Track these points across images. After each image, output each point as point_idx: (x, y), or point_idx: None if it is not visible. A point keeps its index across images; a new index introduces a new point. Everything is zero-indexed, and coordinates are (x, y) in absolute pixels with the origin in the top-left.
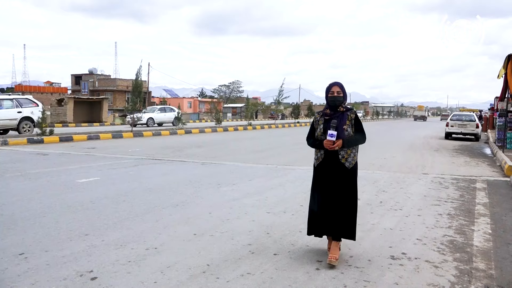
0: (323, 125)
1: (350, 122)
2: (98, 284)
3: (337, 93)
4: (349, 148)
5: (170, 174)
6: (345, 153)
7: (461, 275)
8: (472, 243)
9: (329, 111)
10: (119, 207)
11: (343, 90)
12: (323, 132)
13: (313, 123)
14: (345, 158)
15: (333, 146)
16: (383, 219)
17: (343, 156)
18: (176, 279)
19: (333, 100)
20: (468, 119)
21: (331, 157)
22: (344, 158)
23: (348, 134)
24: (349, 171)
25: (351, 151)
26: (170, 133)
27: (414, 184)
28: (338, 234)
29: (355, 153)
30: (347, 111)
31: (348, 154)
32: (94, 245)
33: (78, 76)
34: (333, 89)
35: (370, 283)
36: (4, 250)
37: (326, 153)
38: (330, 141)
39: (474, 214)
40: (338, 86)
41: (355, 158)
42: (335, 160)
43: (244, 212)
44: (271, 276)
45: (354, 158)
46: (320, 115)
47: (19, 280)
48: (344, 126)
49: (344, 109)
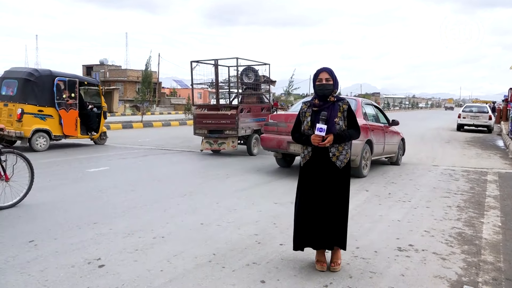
0: (311, 117)
1: (342, 114)
2: (105, 271)
3: (326, 80)
4: (340, 145)
5: (178, 164)
6: (336, 150)
7: (468, 268)
8: (481, 235)
9: (317, 101)
10: (128, 196)
11: (333, 77)
12: (311, 126)
13: (299, 115)
14: (336, 156)
15: (323, 143)
16: (391, 210)
17: (334, 153)
18: (183, 268)
19: (321, 89)
20: (481, 110)
21: (320, 154)
22: (335, 156)
23: (340, 128)
24: (341, 171)
25: (342, 147)
26: (179, 124)
27: (423, 175)
28: (331, 243)
29: (347, 150)
30: (338, 101)
31: (339, 152)
32: (102, 233)
33: (89, 66)
34: (321, 76)
35: (376, 274)
36: (14, 237)
37: (314, 150)
38: (318, 136)
39: (484, 206)
40: (327, 72)
41: (347, 156)
42: (324, 158)
43: (251, 202)
44: (276, 266)
45: (347, 156)
46: (308, 105)
47: (29, 266)
48: (335, 119)
49: (335, 99)
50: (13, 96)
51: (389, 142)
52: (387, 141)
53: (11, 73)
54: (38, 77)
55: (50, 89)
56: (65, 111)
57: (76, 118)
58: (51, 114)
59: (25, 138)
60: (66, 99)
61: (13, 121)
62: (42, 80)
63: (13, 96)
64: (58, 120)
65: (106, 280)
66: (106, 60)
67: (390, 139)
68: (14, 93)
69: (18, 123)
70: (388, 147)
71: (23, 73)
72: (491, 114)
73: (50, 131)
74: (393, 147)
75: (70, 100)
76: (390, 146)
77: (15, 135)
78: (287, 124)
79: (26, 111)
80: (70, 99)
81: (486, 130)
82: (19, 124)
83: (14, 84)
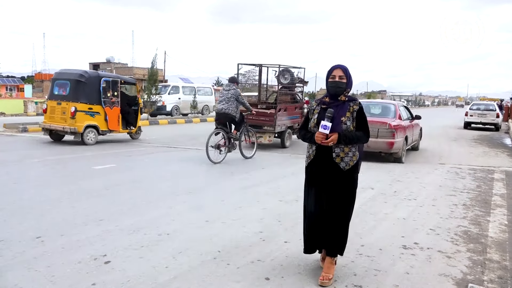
0: (318, 114)
1: (351, 114)
2: (111, 267)
3: (339, 78)
4: (346, 145)
5: (184, 161)
6: (340, 150)
7: (474, 266)
8: (487, 234)
9: (328, 99)
10: (134, 193)
11: (347, 75)
12: (317, 123)
13: (308, 113)
14: (340, 157)
15: (326, 141)
16: (396, 208)
17: (338, 154)
18: (188, 264)
19: (334, 86)
20: (488, 108)
21: (324, 154)
22: (339, 157)
23: (347, 129)
24: (345, 174)
25: (349, 149)
26: (185, 122)
27: (429, 174)
28: (331, 249)
29: (354, 151)
30: (349, 101)
31: (344, 153)
32: (108, 230)
33: (96, 64)
34: (334, 73)
35: (381, 272)
36: (22, 233)
37: (319, 149)
38: (322, 134)
39: (490, 205)
40: (341, 70)
41: (354, 158)
42: (328, 158)
43: (256, 200)
44: (281, 263)
45: (353, 158)
46: (317, 103)
47: (36, 262)
48: (342, 118)
49: (346, 99)
50: (66, 96)
51: (414, 134)
52: (414, 133)
53: (62, 74)
54: (87, 78)
55: (97, 89)
56: (110, 108)
57: (118, 114)
58: (98, 111)
59: (78, 133)
60: (110, 97)
61: (67, 118)
62: (91, 81)
63: (66, 95)
64: (104, 117)
65: (112, 276)
66: (112, 58)
67: (415, 131)
68: (67, 92)
69: (72, 120)
70: (414, 137)
71: (75, 75)
72: (498, 112)
73: (98, 127)
74: (416, 136)
75: (113, 98)
76: (415, 136)
77: (70, 131)
78: None
79: (78, 109)
80: (113, 97)
81: (493, 128)
82: (73, 120)
83: (66, 85)
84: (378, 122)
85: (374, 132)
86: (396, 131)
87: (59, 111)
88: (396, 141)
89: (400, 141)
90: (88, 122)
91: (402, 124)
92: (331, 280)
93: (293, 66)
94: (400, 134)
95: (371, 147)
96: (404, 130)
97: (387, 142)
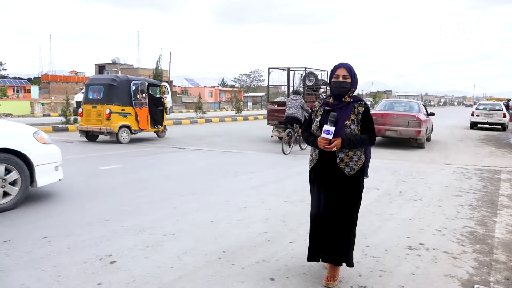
0: (321, 117)
1: (356, 117)
2: (116, 267)
3: (343, 78)
4: (351, 150)
5: (189, 162)
6: (345, 155)
7: (480, 267)
8: (493, 234)
9: (332, 100)
10: (139, 194)
11: (351, 75)
12: (319, 126)
13: (311, 114)
14: (344, 162)
15: (329, 147)
16: (402, 209)
17: (342, 159)
18: (193, 265)
19: (337, 86)
20: (495, 108)
21: (327, 159)
22: (343, 162)
23: (351, 132)
24: (350, 180)
25: (354, 153)
26: (190, 122)
27: (435, 174)
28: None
29: (360, 155)
30: (354, 102)
31: (349, 158)
32: (113, 230)
33: (101, 65)
34: (338, 72)
35: (386, 273)
36: (29, 233)
37: (322, 153)
38: (325, 139)
39: (497, 205)
40: (345, 69)
41: (359, 163)
42: (332, 163)
43: (261, 200)
44: (286, 263)
45: (359, 162)
46: (321, 103)
47: (42, 262)
48: (346, 121)
49: (351, 100)
50: (101, 99)
51: (429, 127)
52: (429, 126)
53: (95, 80)
54: (119, 82)
55: (128, 91)
56: (139, 109)
57: (147, 115)
58: (130, 112)
59: (114, 133)
60: (140, 99)
61: (103, 119)
62: (122, 84)
63: (100, 99)
64: (135, 117)
65: (117, 276)
66: (118, 59)
67: (430, 125)
68: (101, 96)
69: (107, 121)
70: (429, 129)
71: (107, 80)
72: (505, 112)
73: (130, 126)
74: (430, 129)
75: (142, 100)
76: (429, 129)
77: (106, 131)
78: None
79: (113, 110)
80: (142, 99)
81: (500, 128)
82: (108, 121)
83: (100, 89)
84: (408, 115)
85: (405, 123)
86: (421, 123)
87: (95, 113)
88: (421, 130)
89: (424, 130)
90: (121, 123)
91: (425, 118)
92: (336, 281)
93: (318, 69)
94: (424, 125)
95: (403, 134)
96: (426, 123)
97: (415, 130)
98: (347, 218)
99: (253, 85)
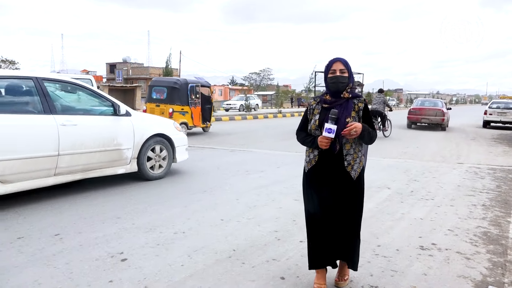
0: (319, 115)
1: (357, 113)
2: (127, 265)
3: (340, 72)
4: (355, 152)
5: (199, 160)
6: (351, 158)
7: (494, 268)
8: (507, 235)
9: (329, 97)
10: (150, 192)
11: (348, 69)
12: (319, 125)
13: (306, 112)
14: (351, 166)
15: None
16: (413, 208)
17: (349, 162)
18: (203, 263)
19: (335, 82)
20: (508, 106)
21: (329, 160)
22: (350, 165)
23: None
24: (355, 182)
25: (357, 155)
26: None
27: (447, 173)
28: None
29: (361, 157)
30: (353, 98)
31: (354, 160)
32: (125, 228)
33: (112, 64)
34: (334, 67)
35: (398, 273)
36: (41, 230)
37: (322, 154)
38: (327, 138)
39: (511, 205)
40: (342, 63)
41: (360, 164)
42: (336, 166)
43: (271, 199)
44: (296, 263)
45: (361, 163)
46: (317, 101)
47: (54, 259)
48: (347, 119)
49: (350, 95)
50: (164, 99)
51: (449, 117)
52: (449, 116)
53: (158, 82)
54: (180, 84)
55: (186, 93)
56: (194, 107)
57: (199, 112)
58: (187, 111)
59: None
60: (194, 99)
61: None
62: (182, 87)
63: (163, 99)
64: (190, 115)
65: (129, 274)
66: (129, 58)
67: (448, 116)
68: (164, 97)
69: None
70: (449, 119)
71: (170, 82)
72: None
73: (187, 123)
74: (449, 118)
75: (196, 99)
76: (449, 118)
77: None
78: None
79: (174, 110)
80: (196, 99)
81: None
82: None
83: (163, 91)
84: (436, 109)
85: (434, 113)
86: (445, 113)
87: (158, 112)
88: (445, 118)
89: (446, 118)
90: (181, 120)
91: (446, 111)
92: (347, 280)
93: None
94: (446, 115)
95: (433, 121)
96: (447, 114)
97: (441, 118)
98: (354, 221)
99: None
